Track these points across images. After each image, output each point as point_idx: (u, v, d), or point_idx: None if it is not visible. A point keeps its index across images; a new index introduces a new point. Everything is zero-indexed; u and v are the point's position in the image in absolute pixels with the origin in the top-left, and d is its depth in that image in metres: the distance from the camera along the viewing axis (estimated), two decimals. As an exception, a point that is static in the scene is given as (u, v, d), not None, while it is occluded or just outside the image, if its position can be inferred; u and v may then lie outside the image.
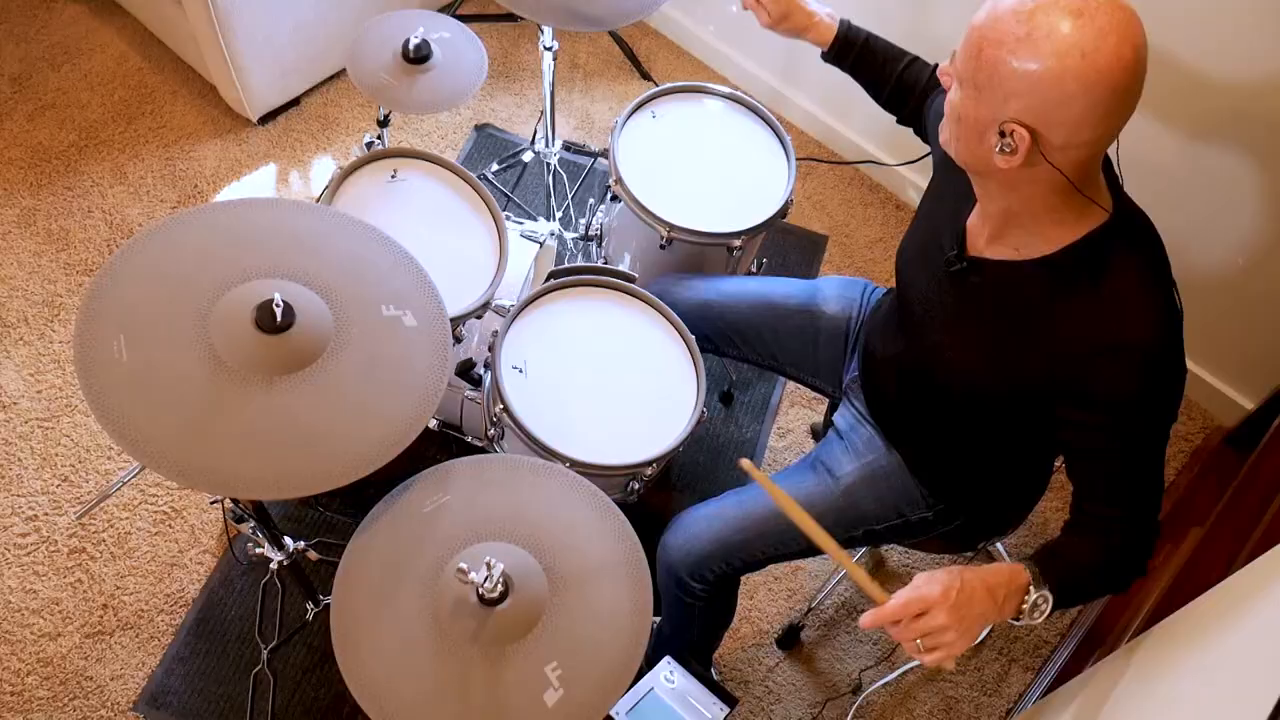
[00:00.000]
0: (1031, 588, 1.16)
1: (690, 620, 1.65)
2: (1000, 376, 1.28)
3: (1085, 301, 1.17)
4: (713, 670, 1.97)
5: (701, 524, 1.55)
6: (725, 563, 1.53)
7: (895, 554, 2.16)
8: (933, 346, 1.38)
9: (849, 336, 1.67)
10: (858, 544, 1.58)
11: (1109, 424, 1.19)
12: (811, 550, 1.54)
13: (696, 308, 1.72)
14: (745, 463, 1.21)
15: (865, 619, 1.12)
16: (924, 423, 1.49)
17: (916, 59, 1.57)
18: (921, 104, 1.55)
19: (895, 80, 1.56)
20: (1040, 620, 1.16)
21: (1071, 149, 1.08)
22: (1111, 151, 1.19)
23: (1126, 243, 1.18)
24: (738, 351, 1.74)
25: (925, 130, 1.53)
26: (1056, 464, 1.45)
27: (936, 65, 1.54)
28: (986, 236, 1.26)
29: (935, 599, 1.10)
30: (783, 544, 1.52)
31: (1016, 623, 1.16)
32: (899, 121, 1.61)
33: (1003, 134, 1.08)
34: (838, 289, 1.70)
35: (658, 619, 1.70)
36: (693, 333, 1.67)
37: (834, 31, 1.55)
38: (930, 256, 1.36)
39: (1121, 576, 1.25)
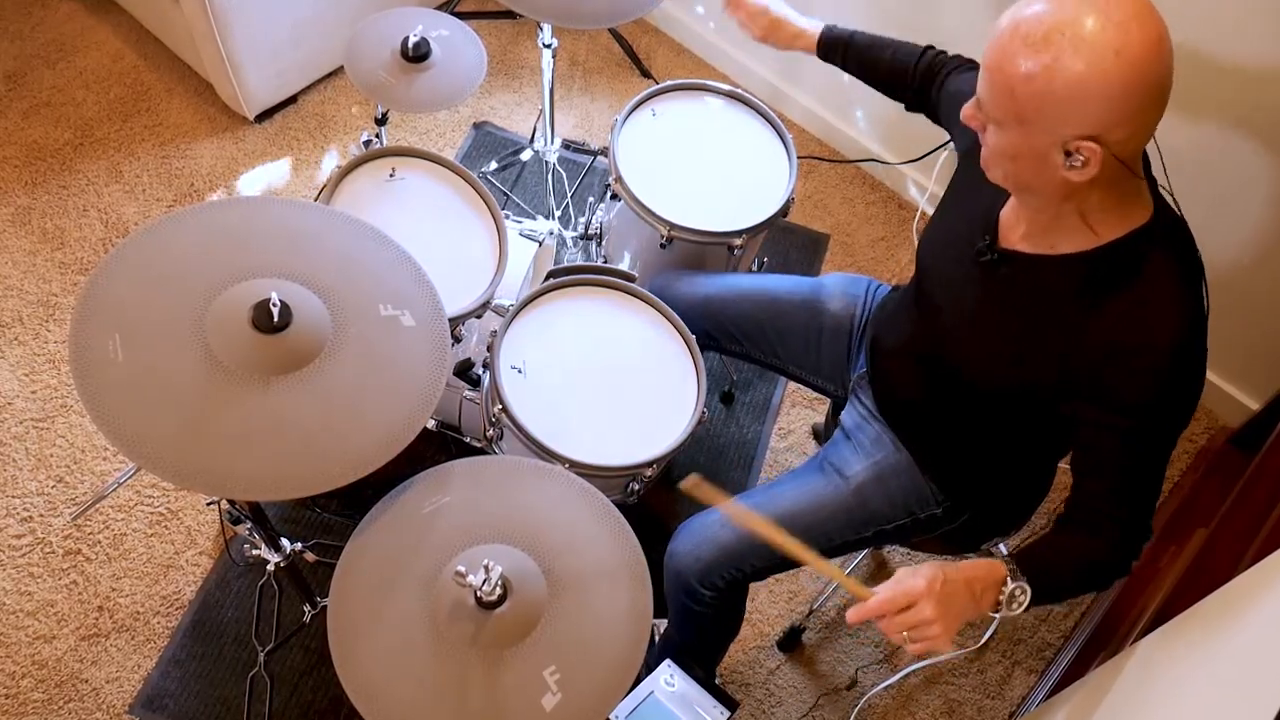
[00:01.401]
0: (1008, 579, 1.17)
1: (700, 629, 1.63)
2: (1017, 369, 1.28)
3: (1117, 301, 1.17)
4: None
5: (709, 530, 1.53)
6: (735, 569, 1.51)
7: (898, 556, 2.15)
8: (950, 335, 1.37)
9: (853, 334, 1.66)
10: (867, 545, 1.56)
11: (1123, 424, 1.19)
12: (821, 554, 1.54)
13: (698, 304, 1.71)
14: (688, 483, 1.18)
15: (851, 614, 1.15)
16: (933, 416, 1.48)
17: (902, 44, 1.58)
18: (926, 88, 1.54)
19: (886, 68, 1.59)
20: (1019, 612, 1.18)
21: (1131, 141, 1.08)
22: (1154, 156, 1.19)
23: (1164, 245, 1.18)
24: (740, 348, 1.73)
25: (939, 115, 1.53)
26: (1061, 464, 1.44)
27: (928, 47, 1.55)
28: (1022, 231, 1.26)
29: (921, 591, 1.13)
30: None
31: (995, 615, 1.18)
32: (908, 108, 1.60)
33: (1068, 153, 1.08)
34: (841, 286, 1.69)
35: (659, 622, 1.69)
36: (694, 329, 1.66)
37: (818, 37, 1.63)
38: (959, 245, 1.35)
39: (1106, 575, 1.26)
